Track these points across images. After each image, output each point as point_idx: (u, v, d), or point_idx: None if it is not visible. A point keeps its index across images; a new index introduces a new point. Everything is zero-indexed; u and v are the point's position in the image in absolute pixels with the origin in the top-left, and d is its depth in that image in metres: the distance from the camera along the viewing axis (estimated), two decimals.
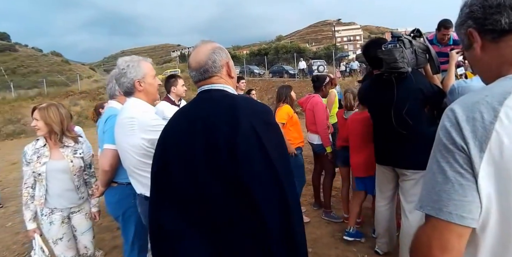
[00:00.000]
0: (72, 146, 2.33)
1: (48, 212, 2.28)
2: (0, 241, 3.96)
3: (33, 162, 2.23)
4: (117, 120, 1.80)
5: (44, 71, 65.45)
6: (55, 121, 2.22)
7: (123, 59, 1.81)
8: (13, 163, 9.25)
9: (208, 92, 1.22)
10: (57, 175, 2.26)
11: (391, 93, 2.22)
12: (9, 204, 5.52)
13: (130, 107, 1.75)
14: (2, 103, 20.62)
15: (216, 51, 1.23)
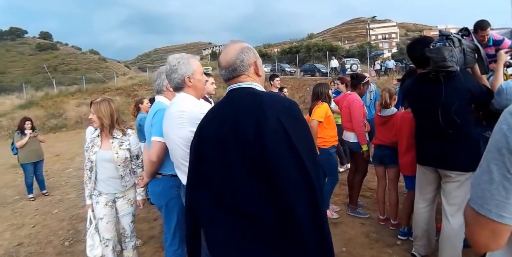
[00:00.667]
0: (120, 138, 2.51)
1: (97, 193, 2.54)
2: (48, 227, 4.26)
3: (89, 150, 2.50)
4: (167, 113, 1.88)
5: (83, 69, 68.96)
6: (105, 115, 2.43)
7: (174, 56, 1.90)
8: (57, 155, 9.84)
9: (237, 91, 1.29)
10: (104, 164, 2.48)
11: (439, 92, 2.16)
12: (54, 193, 5.91)
13: (180, 101, 1.83)
14: (45, 99, 21.99)
15: (244, 51, 1.30)
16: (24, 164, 5.61)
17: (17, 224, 4.53)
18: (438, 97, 2.18)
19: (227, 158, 1.14)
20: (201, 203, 1.25)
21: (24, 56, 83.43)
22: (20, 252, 3.59)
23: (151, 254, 3.16)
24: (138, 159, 2.61)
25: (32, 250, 3.60)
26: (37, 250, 3.60)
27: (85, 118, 19.86)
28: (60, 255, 3.41)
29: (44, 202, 5.42)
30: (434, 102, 2.22)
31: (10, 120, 18.98)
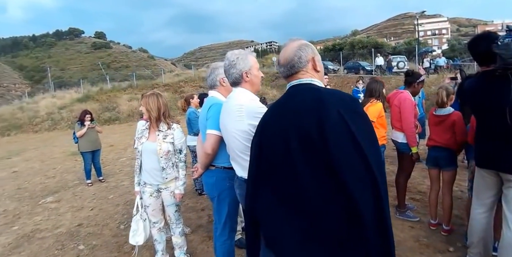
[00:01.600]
0: (164, 131, 2.61)
1: (143, 183, 2.69)
2: (104, 211, 4.61)
3: (137, 140, 2.67)
4: (225, 107, 1.97)
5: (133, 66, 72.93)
6: (153, 108, 2.56)
7: (233, 52, 1.98)
8: (111, 145, 10.56)
9: (297, 87, 1.32)
10: (148, 155, 2.61)
11: (506, 90, 2.02)
12: (109, 180, 6.37)
13: (238, 96, 1.90)
14: (100, 93, 23.60)
15: (302, 48, 1.33)
16: (83, 152, 6.11)
17: (77, 206, 4.95)
18: (506, 96, 2.04)
19: (289, 154, 1.16)
20: (262, 198, 1.28)
21: (81, 54, 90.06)
22: (80, 232, 3.93)
23: (198, 242, 3.30)
24: (181, 153, 2.69)
25: (91, 231, 3.92)
26: (95, 231, 3.92)
27: (136, 112, 21.07)
28: (116, 237, 3.68)
29: (100, 188, 5.87)
30: (501, 101, 2.08)
31: (69, 112, 20.71)
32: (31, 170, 8.27)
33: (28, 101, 25.50)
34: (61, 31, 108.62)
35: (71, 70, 78.73)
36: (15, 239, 3.91)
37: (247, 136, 1.79)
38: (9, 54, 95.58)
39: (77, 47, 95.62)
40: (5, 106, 25.81)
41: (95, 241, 3.61)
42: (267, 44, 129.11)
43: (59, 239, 3.79)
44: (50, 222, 4.38)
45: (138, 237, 2.70)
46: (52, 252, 3.46)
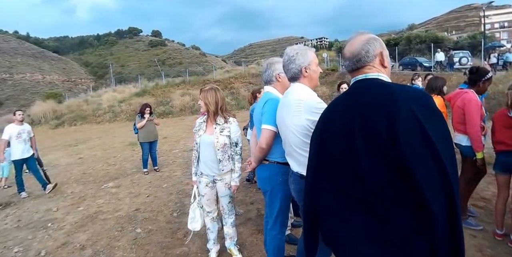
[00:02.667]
0: (222, 124, 2.67)
1: (200, 174, 2.78)
2: (159, 198, 4.87)
3: (196, 133, 2.74)
4: (283, 102, 1.97)
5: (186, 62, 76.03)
6: (211, 102, 2.62)
7: (292, 47, 1.97)
8: (164, 137, 11.12)
9: (363, 82, 1.25)
10: (206, 147, 2.68)
11: None
12: (163, 170, 6.72)
13: (296, 91, 1.89)
14: (155, 88, 24.98)
15: (369, 42, 1.27)
16: (142, 142, 6.52)
17: (135, 192, 5.29)
18: None
19: (354, 150, 1.11)
20: (322, 196, 1.25)
21: (139, 52, 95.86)
22: (137, 216, 4.19)
23: (248, 235, 3.34)
24: (237, 146, 2.74)
25: (147, 216, 4.16)
26: (151, 216, 4.15)
27: (188, 106, 22.04)
28: (169, 224, 3.86)
29: (155, 177, 6.21)
30: None
31: (128, 105, 22.23)
32: (95, 157, 9.02)
33: (92, 94, 27.90)
34: (121, 30, 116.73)
35: (130, 66, 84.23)
36: (80, 219, 4.30)
37: (304, 131, 1.79)
38: (77, 51, 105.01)
39: (135, 45, 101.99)
40: (73, 99, 28.53)
41: (150, 226, 3.83)
42: (317, 40, 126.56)
43: (119, 221, 4.08)
44: (111, 206, 4.73)
45: (195, 224, 2.82)
46: (112, 233, 3.73)
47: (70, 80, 68.85)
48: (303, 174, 1.83)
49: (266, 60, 2.54)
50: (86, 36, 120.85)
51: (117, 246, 3.38)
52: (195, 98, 22.62)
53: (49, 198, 5.43)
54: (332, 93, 17.27)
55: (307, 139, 1.75)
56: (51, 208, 4.86)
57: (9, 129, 5.62)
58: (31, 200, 5.39)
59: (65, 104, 26.04)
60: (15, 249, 3.55)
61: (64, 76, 69.47)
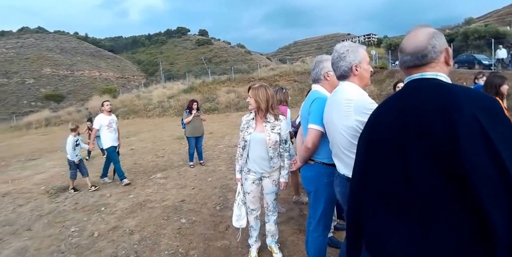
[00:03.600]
0: (272, 122, 2.66)
1: (246, 171, 2.78)
2: (203, 191, 5.02)
3: (244, 130, 2.73)
4: (331, 101, 1.90)
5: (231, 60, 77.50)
6: (262, 100, 2.60)
7: (343, 44, 1.88)
8: (210, 132, 11.45)
9: (419, 81, 1.14)
10: (256, 145, 2.67)
11: None
12: (208, 164, 6.93)
13: (346, 90, 1.80)
14: (202, 85, 25.77)
15: (436, 36, 1.14)
16: (188, 137, 6.77)
17: (181, 184, 5.51)
18: None
19: (406, 156, 1.03)
20: (368, 199, 1.18)
21: (187, 50, 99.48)
22: (182, 207, 4.37)
23: (289, 234, 3.33)
24: (286, 144, 2.72)
25: (191, 208, 4.32)
26: (195, 208, 4.30)
27: (233, 103, 22.47)
28: (213, 217, 3.95)
29: (200, 170, 6.41)
30: None
31: (176, 101, 23.21)
32: (145, 149, 9.54)
33: (143, 90, 29.52)
34: (171, 30, 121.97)
35: (178, 64, 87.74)
36: (130, 206, 4.58)
37: (353, 133, 1.70)
38: (130, 50, 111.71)
39: (183, 44, 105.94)
40: (126, 94, 30.44)
41: (194, 217, 3.96)
42: (365, 37, 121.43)
43: (165, 210, 4.27)
44: (158, 195, 4.96)
45: (241, 221, 2.85)
46: (159, 221, 3.92)
47: (123, 77, 73.38)
48: (349, 177, 1.75)
49: (314, 58, 2.48)
50: (138, 36, 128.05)
51: (162, 234, 3.55)
52: (240, 95, 22.98)
53: (103, 184, 5.84)
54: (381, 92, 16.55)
55: (356, 140, 1.65)
56: (105, 194, 5.24)
57: (100, 119, 5.86)
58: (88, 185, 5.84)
59: (119, 99, 27.92)
60: (72, 228, 3.90)
61: (119, 73, 74.27)
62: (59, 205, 4.88)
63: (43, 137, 16.97)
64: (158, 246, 3.26)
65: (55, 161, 8.81)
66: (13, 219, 4.37)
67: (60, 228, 3.94)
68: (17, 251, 3.39)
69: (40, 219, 4.29)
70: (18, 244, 3.58)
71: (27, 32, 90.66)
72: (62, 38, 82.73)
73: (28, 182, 6.61)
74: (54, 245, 3.46)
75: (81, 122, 23.56)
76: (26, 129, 23.62)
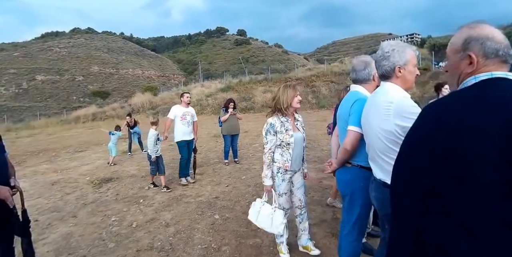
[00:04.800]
0: (300, 120, 2.83)
1: (283, 172, 2.77)
2: (237, 189, 5.10)
3: (283, 133, 2.69)
4: (371, 102, 1.84)
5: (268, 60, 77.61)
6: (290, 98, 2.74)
7: (389, 42, 1.80)
8: (246, 131, 11.57)
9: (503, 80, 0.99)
10: (298, 145, 2.73)
11: None
12: (243, 162, 7.02)
13: (388, 91, 1.72)
14: (239, 85, 26.06)
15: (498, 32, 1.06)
16: (225, 135, 6.89)
17: (216, 181, 5.62)
18: None
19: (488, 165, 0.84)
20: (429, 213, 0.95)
21: (225, 50, 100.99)
22: (216, 204, 4.47)
23: (321, 236, 3.28)
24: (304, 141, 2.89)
25: (225, 204, 4.40)
26: (228, 205, 4.38)
27: (269, 103, 22.43)
28: (245, 214, 3.94)
29: (235, 168, 6.52)
30: None
31: (213, 99, 23.70)
32: None
33: (183, 88, 30.43)
34: (210, 30, 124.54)
35: (216, 63, 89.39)
36: (167, 199, 4.77)
37: (391, 137, 1.62)
38: (171, 50, 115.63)
39: (222, 43, 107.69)
40: (166, 92, 31.68)
41: (228, 214, 4.03)
42: (407, 37, 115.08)
43: (200, 206, 4.39)
44: (194, 191, 5.12)
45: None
46: (193, 216, 4.04)
47: (164, 76, 76.08)
48: (386, 182, 1.69)
49: (357, 58, 2.41)
50: (179, 36, 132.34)
51: (196, 228, 3.66)
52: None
53: (142, 178, 6.14)
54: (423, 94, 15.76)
55: (394, 146, 1.61)
56: (143, 187, 5.51)
57: (175, 109, 5.64)
58: (128, 178, 6.16)
59: (159, 96, 29.18)
60: (113, 218, 4.14)
61: (160, 71, 77.17)
62: (102, 195, 5.20)
63: (90, 131, 18.10)
64: (191, 240, 3.37)
65: (100, 154, 9.40)
66: (61, 206, 4.73)
67: (102, 217, 4.21)
68: (63, 236, 3.67)
69: (85, 208, 4.61)
70: (64, 229, 3.87)
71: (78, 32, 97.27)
72: (109, 38, 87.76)
73: (75, 172, 7.12)
74: (96, 233, 3.70)
75: (123, 117, 25.07)
76: (74, 123, 25.47)
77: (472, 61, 1.07)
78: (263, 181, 2.81)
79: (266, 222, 2.72)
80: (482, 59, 1.05)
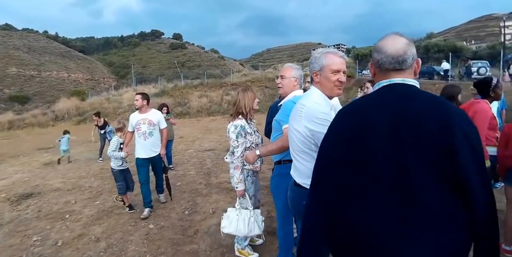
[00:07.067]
0: (255, 122, 2.95)
1: (251, 174, 2.86)
2: (172, 196, 4.94)
3: (252, 135, 2.79)
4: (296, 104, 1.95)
5: (204, 65, 76.94)
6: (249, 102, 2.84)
7: (318, 49, 1.87)
8: (180, 137, 11.33)
9: (402, 87, 1.17)
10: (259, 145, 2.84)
11: None
12: (178, 169, 6.85)
13: (308, 95, 1.83)
14: (174, 89, 25.46)
15: (411, 45, 1.19)
16: None
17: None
18: None
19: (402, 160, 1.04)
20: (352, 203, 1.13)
21: (160, 54, 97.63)
22: (151, 212, 4.29)
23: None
24: None
25: (160, 213, 4.28)
26: (164, 213, 4.27)
27: (205, 108, 22.35)
28: (181, 221, 3.94)
29: (170, 175, 6.24)
30: None
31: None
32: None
33: (114, 93, 28.68)
34: (144, 33, 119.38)
35: (151, 67, 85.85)
36: (97, 212, 4.45)
37: (301, 138, 1.70)
38: (101, 52, 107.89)
39: (157, 47, 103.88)
40: (95, 97, 29.47)
41: (163, 222, 3.92)
42: (334, 47, 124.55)
43: (133, 216, 4.20)
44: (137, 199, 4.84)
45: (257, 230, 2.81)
46: (126, 227, 3.85)
47: (93, 79, 70.67)
48: (296, 181, 1.80)
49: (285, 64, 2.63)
50: (110, 37, 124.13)
51: (130, 240, 3.48)
52: (212, 100, 22.93)
53: (68, 191, 5.64)
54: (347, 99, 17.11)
55: (303, 146, 1.70)
56: (70, 201, 5.05)
57: (130, 118, 4.66)
58: (52, 192, 5.61)
59: (88, 102, 26.97)
60: (34, 237, 3.71)
61: (88, 75, 71.43)
62: (21, 213, 4.64)
63: (5, 141, 16.00)
64: (125, 253, 3.20)
65: (18, 167, 8.36)
66: None
67: (22, 237, 3.75)
68: None
69: (0, 229, 4.07)
70: None
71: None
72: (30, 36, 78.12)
73: None
74: (15, 256, 3.30)
75: (45, 125, 22.63)
76: None
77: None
78: (236, 187, 2.75)
79: (249, 227, 2.69)
80: (377, 69, 1.25)
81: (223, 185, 5.38)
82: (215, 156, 7.90)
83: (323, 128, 1.46)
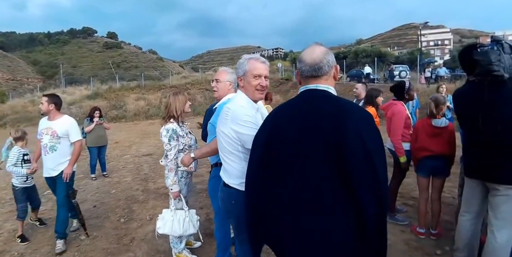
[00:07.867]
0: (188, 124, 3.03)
1: (185, 175, 2.92)
2: (106, 204, 4.75)
3: (185, 137, 2.84)
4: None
5: (142, 67, 73.69)
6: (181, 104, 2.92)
7: (244, 56, 1.99)
8: (116, 142, 10.76)
9: (313, 92, 1.35)
10: (193, 146, 2.92)
11: (481, 97, 2.09)
12: (113, 175, 6.53)
13: (234, 99, 1.93)
14: (109, 92, 24.03)
15: (329, 54, 1.38)
16: (90, 147, 6.29)
17: (80, 199, 5.03)
18: (480, 103, 2.11)
19: (301, 153, 1.24)
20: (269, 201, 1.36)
21: (93, 53, 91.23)
22: None
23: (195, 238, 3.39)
24: None
25: (92, 223, 4.05)
26: (96, 223, 4.05)
27: (143, 111, 21.45)
28: (116, 230, 3.80)
29: (103, 183, 6.02)
30: (476, 108, 2.15)
31: (78, 108, 21.09)
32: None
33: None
34: (75, 30, 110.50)
35: (82, 67, 79.79)
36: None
37: (227, 139, 1.78)
38: (24, 49, 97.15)
39: (89, 46, 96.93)
40: (17, 99, 26.56)
41: (96, 232, 3.74)
42: (273, 50, 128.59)
43: None
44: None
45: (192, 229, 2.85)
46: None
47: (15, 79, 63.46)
48: (224, 181, 1.89)
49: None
50: (35, 33, 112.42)
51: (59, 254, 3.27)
52: (150, 103, 22.14)
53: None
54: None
55: (230, 147, 1.79)
56: None
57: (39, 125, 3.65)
58: None
59: (8, 104, 24.20)
60: None
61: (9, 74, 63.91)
62: None
63: None
64: None
65: None
66: None
67: None
68: None
69: None
70: None
71: None
72: None
73: None
74: None
75: None
76: None
77: (296, 78, 1.54)
78: (171, 188, 2.78)
79: (184, 226, 2.75)
80: (300, 76, 1.45)
81: (161, 190, 5.28)
82: (153, 161, 7.68)
83: (248, 130, 1.66)
